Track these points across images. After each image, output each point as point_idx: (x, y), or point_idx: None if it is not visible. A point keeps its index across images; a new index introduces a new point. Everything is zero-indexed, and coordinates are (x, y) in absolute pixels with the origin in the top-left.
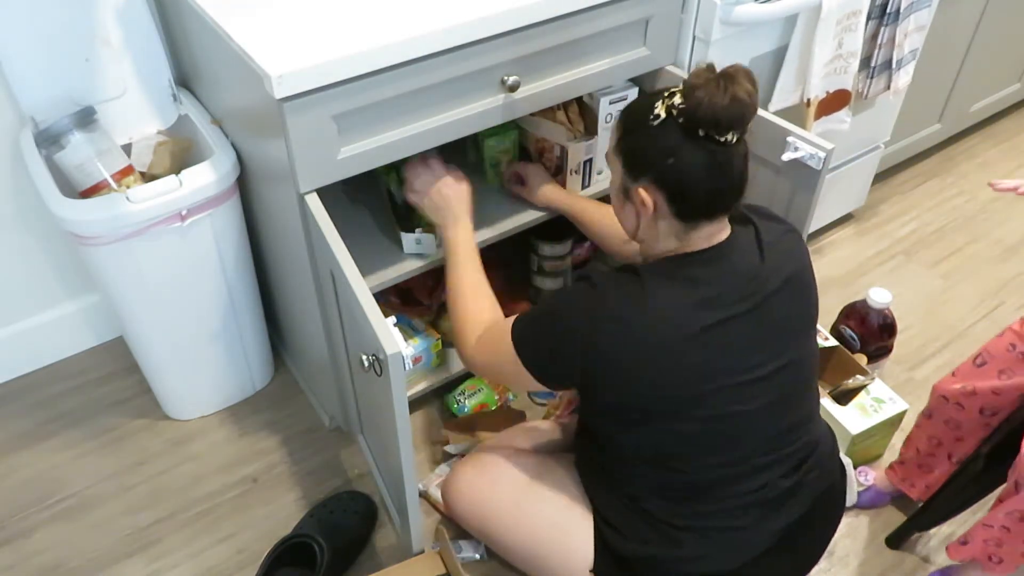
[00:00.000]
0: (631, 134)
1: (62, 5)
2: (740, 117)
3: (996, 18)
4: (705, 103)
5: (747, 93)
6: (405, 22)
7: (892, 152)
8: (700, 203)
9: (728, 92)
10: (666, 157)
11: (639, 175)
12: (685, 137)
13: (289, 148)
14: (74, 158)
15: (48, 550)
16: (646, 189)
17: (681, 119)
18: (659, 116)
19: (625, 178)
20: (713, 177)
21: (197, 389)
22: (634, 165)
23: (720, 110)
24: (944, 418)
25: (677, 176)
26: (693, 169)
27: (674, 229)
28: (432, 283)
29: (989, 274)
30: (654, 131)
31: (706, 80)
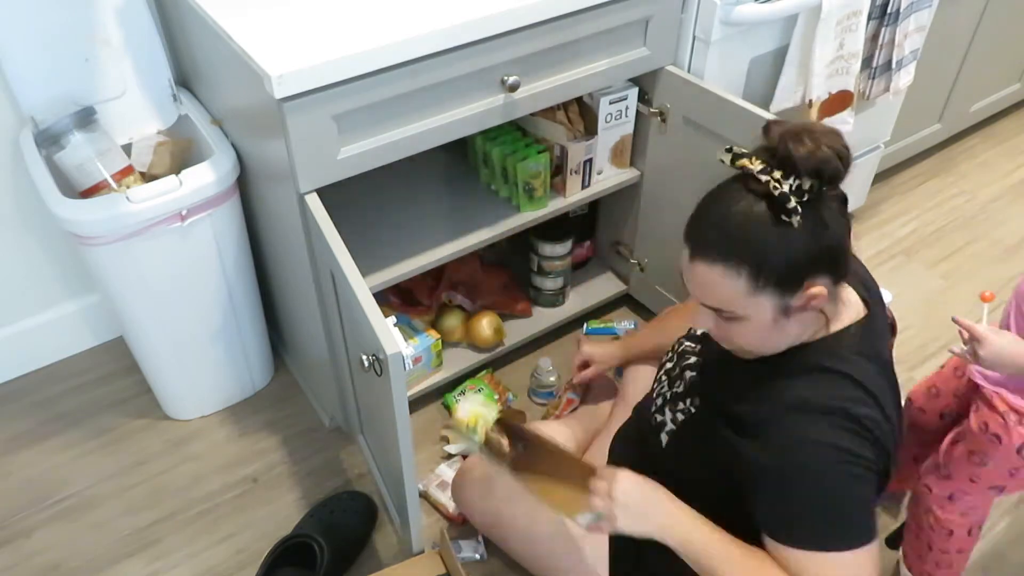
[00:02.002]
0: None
1: (62, 5)
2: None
3: (996, 18)
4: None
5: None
6: (405, 22)
7: (892, 152)
8: (849, 250)
9: (816, 133)
10: (820, 239)
11: (803, 280)
12: (819, 206)
13: (289, 148)
14: (74, 158)
15: (48, 550)
16: (815, 284)
17: (807, 196)
18: (796, 210)
19: (782, 301)
20: (847, 219)
21: (197, 389)
22: (793, 277)
23: (846, 152)
24: (911, 422)
25: (834, 246)
26: (840, 227)
27: (833, 295)
28: (432, 283)
29: (989, 274)
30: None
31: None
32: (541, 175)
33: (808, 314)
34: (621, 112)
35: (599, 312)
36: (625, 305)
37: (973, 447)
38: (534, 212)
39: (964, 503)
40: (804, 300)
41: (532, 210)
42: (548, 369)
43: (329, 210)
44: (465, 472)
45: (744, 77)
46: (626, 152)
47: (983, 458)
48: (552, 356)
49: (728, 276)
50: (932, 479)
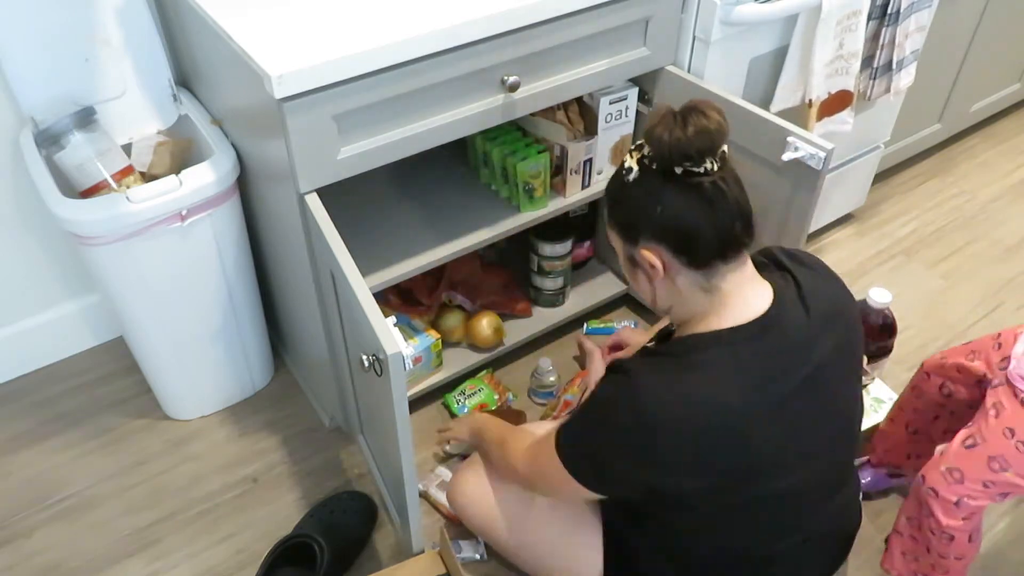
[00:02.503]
0: (616, 202)
1: (62, 5)
2: (709, 144)
3: (996, 18)
4: (666, 137)
5: (707, 119)
6: (405, 22)
7: (892, 152)
8: (708, 243)
9: (690, 124)
10: (653, 207)
11: (636, 237)
12: (665, 180)
13: (289, 148)
14: (74, 158)
15: (48, 550)
16: (648, 249)
17: (654, 165)
18: (632, 169)
19: (627, 247)
20: (709, 212)
21: (197, 389)
22: (629, 229)
23: (685, 141)
24: (914, 383)
25: (672, 222)
26: (685, 210)
27: (695, 281)
28: (432, 283)
29: (989, 274)
30: (633, 187)
31: (662, 118)
32: (541, 175)
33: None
34: (621, 112)
35: (599, 312)
36: (625, 305)
37: (994, 452)
38: (534, 212)
39: (969, 508)
40: (641, 258)
41: (532, 210)
42: (548, 369)
43: (329, 210)
44: (460, 474)
45: (744, 77)
46: (626, 152)
47: (1004, 464)
48: (552, 356)
49: (604, 204)
50: (940, 483)
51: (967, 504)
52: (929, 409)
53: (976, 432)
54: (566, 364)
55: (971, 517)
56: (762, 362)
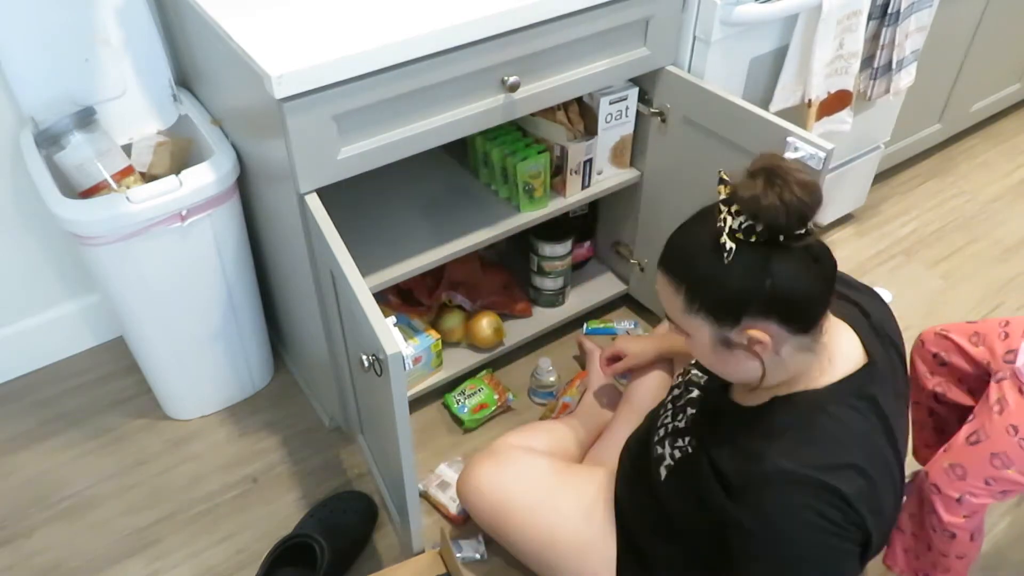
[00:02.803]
0: (705, 284)
1: (62, 5)
2: (817, 201)
3: (996, 18)
4: (779, 206)
5: (804, 174)
6: (405, 22)
7: (892, 152)
8: (819, 303)
9: (788, 182)
10: (761, 281)
11: (739, 317)
12: (770, 250)
13: (289, 148)
14: (74, 158)
15: (48, 550)
16: (755, 327)
17: (753, 237)
18: (731, 249)
19: (718, 331)
20: (818, 272)
21: (197, 389)
22: (727, 311)
23: (797, 203)
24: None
25: (784, 293)
26: (797, 276)
27: (801, 346)
28: (432, 283)
29: (989, 274)
30: (733, 266)
31: (762, 186)
32: (541, 175)
33: (765, 356)
34: (621, 112)
35: (599, 312)
36: (625, 305)
37: (997, 448)
38: (534, 212)
39: (971, 506)
40: (744, 339)
41: (532, 210)
42: (548, 369)
43: (329, 210)
44: (470, 472)
45: (744, 77)
46: (626, 152)
47: (1007, 461)
48: (552, 356)
49: (672, 290)
50: (942, 478)
51: (969, 501)
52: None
53: (979, 428)
54: (566, 364)
55: (973, 515)
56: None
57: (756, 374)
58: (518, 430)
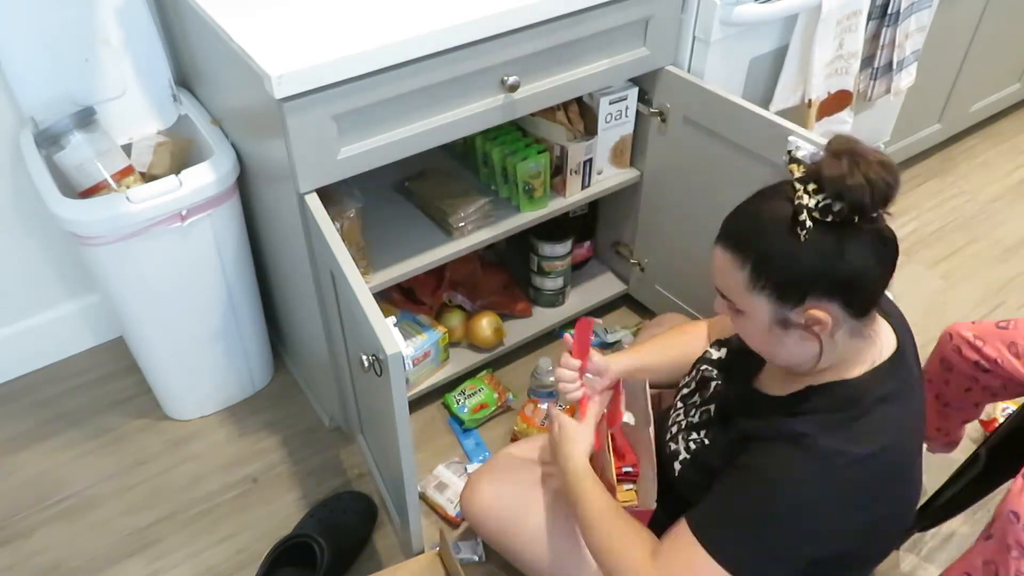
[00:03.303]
0: (773, 260)
1: (62, 5)
2: (896, 179)
3: (996, 18)
4: (865, 186)
5: (876, 154)
6: (405, 22)
7: (892, 152)
8: (877, 289)
9: (869, 164)
10: (833, 261)
11: (804, 297)
12: (844, 231)
13: (289, 148)
14: (74, 158)
15: (48, 550)
16: (818, 308)
17: (830, 217)
18: (808, 225)
19: (779, 310)
20: (887, 256)
21: (197, 389)
22: (793, 290)
23: (883, 184)
24: (942, 355)
25: (852, 275)
26: (867, 259)
27: (855, 331)
28: (434, 283)
29: (989, 274)
30: (807, 244)
31: (848, 166)
32: (541, 175)
33: (824, 337)
34: (621, 112)
35: (599, 312)
36: (625, 305)
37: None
38: (534, 212)
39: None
40: (804, 319)
41: (532, 210)
42: (548, 369)
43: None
44: (472, 488)
45: (744, 77)
46: (626, 152)
47: None
48: (552, 356)
49: (735, 266)
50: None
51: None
52: (961, 382)
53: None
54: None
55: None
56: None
57: (808, 356)
58: (519, 442)
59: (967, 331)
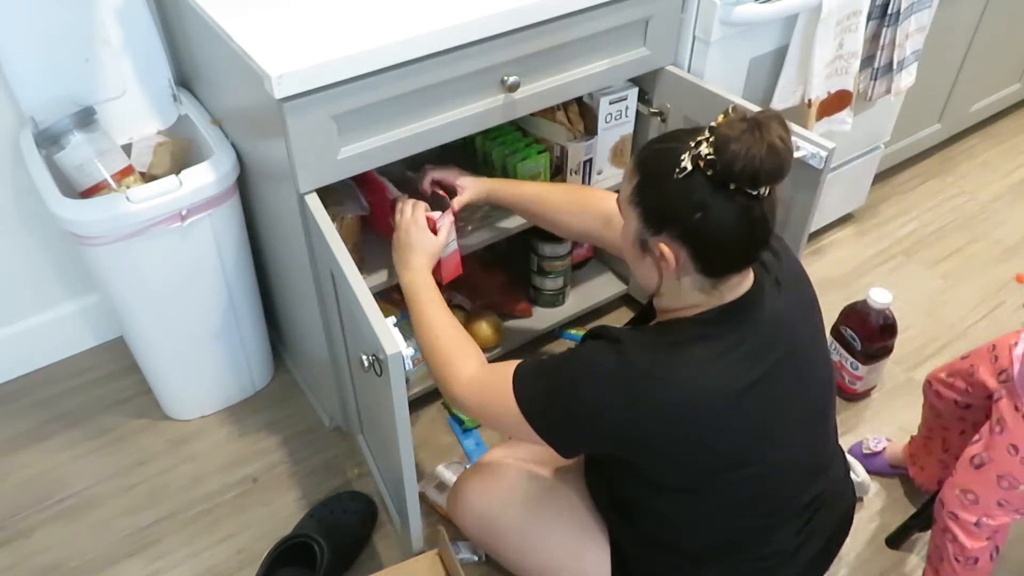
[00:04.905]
0: (651, 185)
1: (62, 5)
2: (779, 169)
3: (996, 18)
4: (741, 156)
5: (782, 140)
6: (405, 22)
7: (892, 152)
8: (731, 260)
9: (764, 141)
10: (693, 212)
11: (660, 229)
12: (715, 190)
13: (289, 148)
14: (74, 158)
15: (48, 550)
16: (668, 245)
17: (710, 171)
18: (686, 168)
19: (642, 230)
20: (746, 233)
21: (197, 389)
22: (655, 218)
23: (758, 163)
24: (929, 403)
25: (706, 232)
26: (724, 225)
27: (699, 284)
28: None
29: (989, 274)
30: (679, 183)
31: (740, 132)
32: (541, 175)
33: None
34: (621, 112)
35: (599, 312)
36: (625, 305)
37: (1001, 470)
38: None
39: (989, 528)
40: (655, 248)
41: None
42: None
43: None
44: (459, 492)
45: (744, 77)
46: (626, 152)
47: (1013, 482)
48: None
49: (629, 175)
50: (956, 506)
51: (987, 524)
52: (955, 426)
53: (983, 450)
54: None
55: (993, 536)
56: (746, 342)
57: (653, 283)
58: (507, 443)
59: (941, 373)
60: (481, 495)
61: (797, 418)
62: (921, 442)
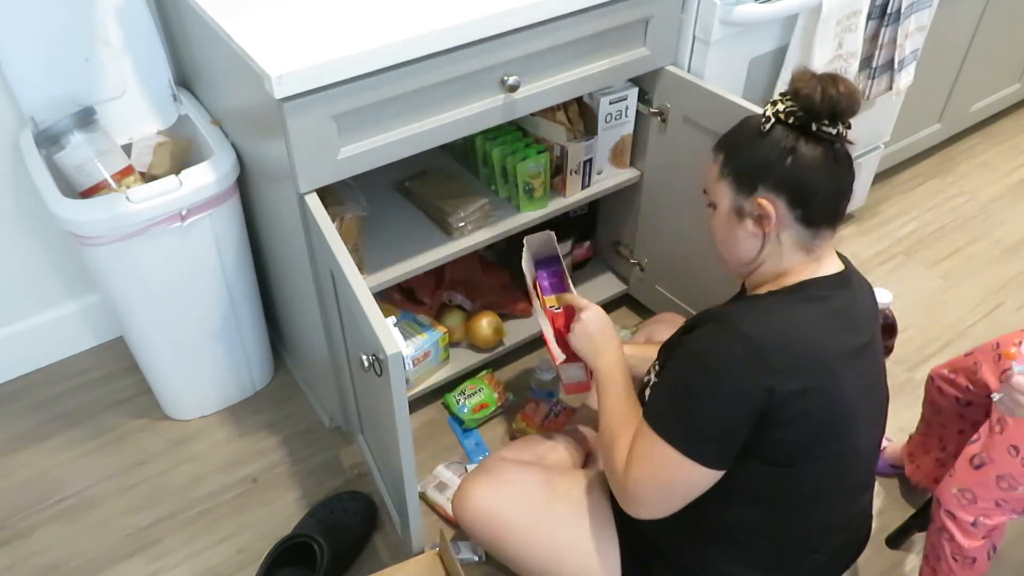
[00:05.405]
0: (738, 151)
1: (62, 5)
2: (853, 107)
3: (996, 18)
4: (819, 92)
5: (851, 86)
6: (405, 22)
7: (892, 152)
8: (827, 204)
9: (840, 84)
10: (784, 158)
11: (755, 186)
12: (799, 136)
13: (289, 148)
14: (74, 158)
15: (48, 550)
16: (765, 199)
17: (791, 119)
18: (769, 121)
19: (737, 197)
20: (834, 173)
21: (197, 389)
22: (748, 178)
23: (834, 95)
24: (930, 399)
25: (799, 176)
26: (814, 166)
27: (800, 239)
28: (434, 283)
29: (989, 274)
30: (765, 140)
31: (813, 76)
32: (541, 175)
33: (768, 230)
34: (621, 112)
35: None
36: (625, 305)
37: (1001, 471)
38: (534, 212)
39: (986, 527)
40: (753, 207)
41: (532, 210)
42: (548, 369)
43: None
44: (464, 492)
45: (744, 77)
46: (626, 152)
47: (1013, 482)
48: None
49: (713, 160)
50: (954, 505)
51: (984, 524)
52: (953, 423)
53: (983, 450)
54: None
55: (990, 535)
56: (844, 312)
57: (754, 252)
58: (511, 444)
59: (943, 370)
60: (487, 496)
61: (871, 410)
62: (919, 440)
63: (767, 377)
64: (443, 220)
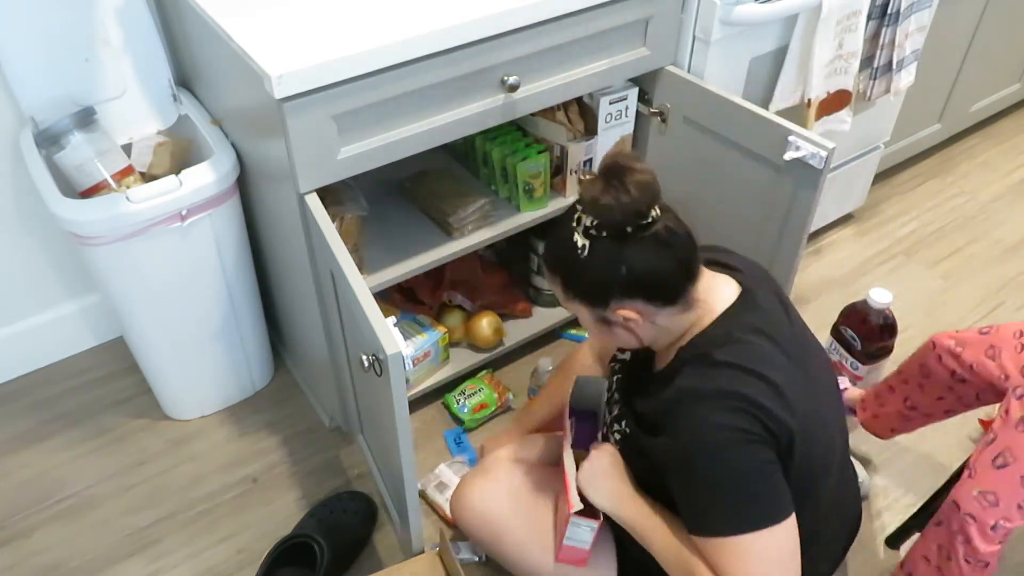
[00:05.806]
0: (572, 277)
1: (62, 5)
2: (652, 196)
3: (996, 18)
4: (615, 204)
5: (640, 173)
6: (405, 22)
7: (892, 152)
8: (677, 280)
9: (629, 184)
10: (618, 270)
11: (607, 301)
12: (619, 243)
13: (289, 148)
14: (74, 158)
15: (48, 550)
16: (622, 307)
17: (603, 233)
18: (584, 246)
19: (595, 312)
20: (669, 254)
21: (197, 389)
22: (596, 297)
23: (629, 200)
24: (921, 361)
25: (641, 277)
26: (649, 261)
27: (674, 312)
28: (434, 283)
29: (989, 274)
30: (589, 261)
31: (601, 188)
32: (541, 175)
33: (640, 327)
34: (621, 112)
35: None
36: None
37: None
38: (534, 212)
39: (1004, 531)
40: (618, 318)
41: (532, 210)
42: (548, 369)
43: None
44: (462, 492)
45: (744, 77)
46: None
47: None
48: (552, 356)
49: (553, 283)
50: (975, 508)
51: (1003, 527)
52: (935, 390)
53: (1005, 450)
54: None
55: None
56: (772, 326)
57: (637, 341)
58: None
59: (949, 340)
60: (484, 496)
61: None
62: (884, 388)
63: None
64: (443, 220)
